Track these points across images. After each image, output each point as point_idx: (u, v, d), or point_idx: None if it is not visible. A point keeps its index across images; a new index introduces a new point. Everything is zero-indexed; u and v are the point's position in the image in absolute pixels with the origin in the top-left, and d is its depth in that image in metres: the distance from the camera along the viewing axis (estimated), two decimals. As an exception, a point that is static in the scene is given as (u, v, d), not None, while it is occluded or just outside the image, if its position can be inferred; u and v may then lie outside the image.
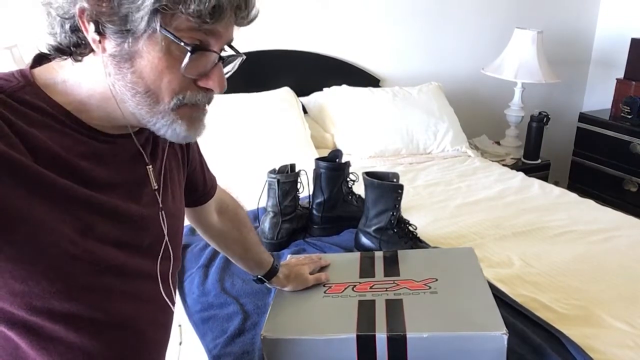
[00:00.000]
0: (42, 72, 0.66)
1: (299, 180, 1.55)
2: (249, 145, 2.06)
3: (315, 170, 1.58)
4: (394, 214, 1.40)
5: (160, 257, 0.78)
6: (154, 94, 0.63)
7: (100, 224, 0.66)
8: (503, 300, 1.20)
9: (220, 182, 1.05)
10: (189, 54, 0.61)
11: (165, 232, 0.78)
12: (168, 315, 0.83)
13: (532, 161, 2.77)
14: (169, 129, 0.66)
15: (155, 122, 0.66)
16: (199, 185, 0.96)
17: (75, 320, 0.66)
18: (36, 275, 0.61)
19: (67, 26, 0.62)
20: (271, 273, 1.09)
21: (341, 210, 1.59)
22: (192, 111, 0.66)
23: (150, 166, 0.76)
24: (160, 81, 0.62)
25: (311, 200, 1.60)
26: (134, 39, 0.60)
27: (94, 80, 0.64)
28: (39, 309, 0.63)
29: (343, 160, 1.60)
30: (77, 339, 0.67)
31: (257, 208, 1.60)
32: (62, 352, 0.66)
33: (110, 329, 0.69)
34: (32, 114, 0.61)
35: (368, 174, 1.43)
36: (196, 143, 0.94)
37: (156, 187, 0.77)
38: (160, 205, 0.77)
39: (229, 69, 0.72)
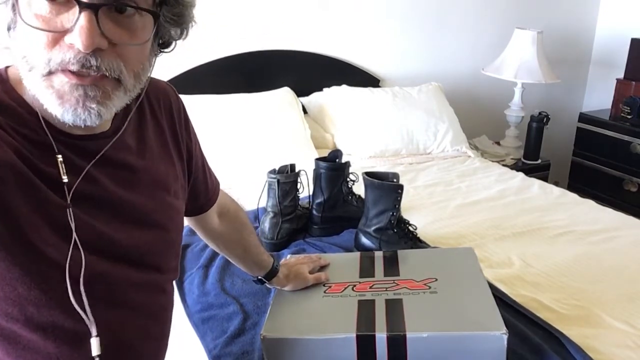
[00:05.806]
0: (15, 69, 0.62)
1: (299, 180, 1.55)
2: (249, 145, 2.05)
3: (315, 170, 1.57)
4: (394, 214, 1.40)
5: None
6: (27, 61, 0.58)
7: (79, 234, 0.62)
8: (503, 300, 1.20)
9: (221, 183, 1.03)
10: (44, 1, 0.56)
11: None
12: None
13: (532, 161, 2.77)
14: (47, 105, 0.58)
15: (39, 99, 0.59)
16: (200, 194, 0.92)
17: (54, 330, 0.63)
18: (12, 281, 0.58)
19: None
20: (271, 274, 1.08)
21: (341, 210, 1.58)
22: (62, 82, 0.57)
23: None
24: (29, 43, 0.57)
25: (311, 200, 1.60)
26: (13, 6, 0.57)
27: None
28: (15, 316, 0.60)
29: (343, 161, 1.59)
30: (56, 350, 0.63)
31: (257, 208, 1.59)
32: None
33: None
34: (3, 112, 0.60)
35: (368, 174, 1.43)
36: (200, 151, 0.90)
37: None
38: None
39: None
